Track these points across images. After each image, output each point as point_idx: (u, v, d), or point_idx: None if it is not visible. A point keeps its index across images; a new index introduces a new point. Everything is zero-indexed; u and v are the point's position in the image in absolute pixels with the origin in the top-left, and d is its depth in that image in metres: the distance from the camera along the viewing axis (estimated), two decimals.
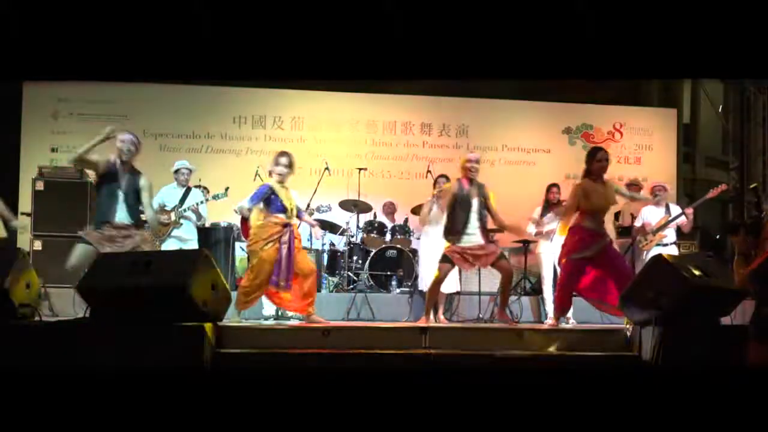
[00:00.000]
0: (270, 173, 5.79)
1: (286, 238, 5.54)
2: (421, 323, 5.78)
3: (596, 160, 5.39)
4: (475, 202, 5.77)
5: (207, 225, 7.46)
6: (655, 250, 6.81)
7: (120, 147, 5.22)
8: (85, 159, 5.17)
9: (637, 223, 7.20)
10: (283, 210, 5.57)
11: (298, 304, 5.67)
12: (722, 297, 4.40)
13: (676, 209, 7.07)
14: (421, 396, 3.33)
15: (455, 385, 3.42)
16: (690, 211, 6.95)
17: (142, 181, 5.36)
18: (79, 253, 5.11)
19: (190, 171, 6.92)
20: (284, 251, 5.52)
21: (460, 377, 3.55)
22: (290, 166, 5.62)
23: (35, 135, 8.96)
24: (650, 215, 7.08)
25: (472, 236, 5.73)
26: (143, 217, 5.49)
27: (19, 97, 8.91)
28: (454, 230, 5.78)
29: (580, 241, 5.33)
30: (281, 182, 5.61)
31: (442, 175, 6.87)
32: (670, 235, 7.00)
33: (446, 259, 5.80)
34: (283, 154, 5.68)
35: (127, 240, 5.20)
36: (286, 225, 5.56)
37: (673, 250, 6.91)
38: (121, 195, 5.25)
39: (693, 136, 11.29)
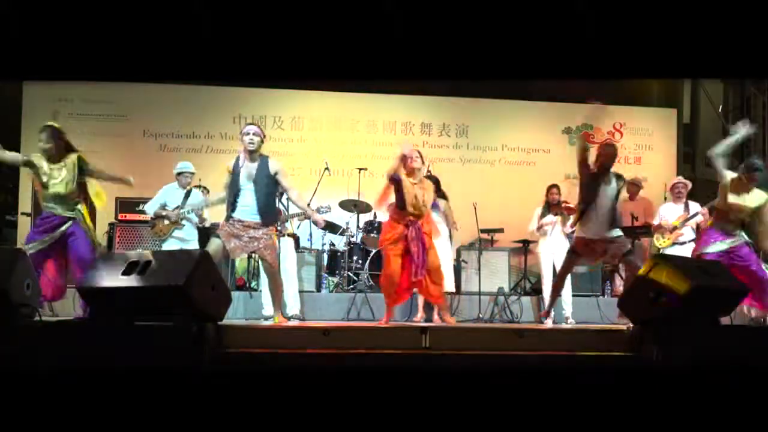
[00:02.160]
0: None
1: (413, 234, 5.71)
2: (546, 318, 5.78)
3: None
4: (604, 191, 5.47)
5: (207, 225, 7.47)
6: (671, 249, 6.77)
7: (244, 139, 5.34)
8: None
9: (655, 221, 7.14)
10: (404, 207, 5.74)
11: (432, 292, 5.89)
12: (722, 297, 4.40)
13: (695, 207, 6.95)
14: (421, 396, 3.33)
15: (455, 385, 3.42)
16: (705, 210, 6.83)
17: (273, 165, 5.37)
18: (213, 247, 5.18)
19: (193, 174, 6.99)
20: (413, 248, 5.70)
21: (460, 378, 3.55)
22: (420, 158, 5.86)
23: (35, 135, 8.92)
24: (668, 213, 7.00)
25: (595, 226, 5.49)
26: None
27: (19, 97, 8.92)
28: (581, 219, 5.61)
29: None
30: (412, 176, 5.78)
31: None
32: (687, 233, 6.88)
33: (574, 251, 5.70)
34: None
35: (252, 241, 5.27)
36: (409, 223, 5.74)
37: (690, 249, 6.78)
38: (244, 188, 5.31)
39: (693, 135, 11.28)
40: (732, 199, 5.40)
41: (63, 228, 5.22)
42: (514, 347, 4.25)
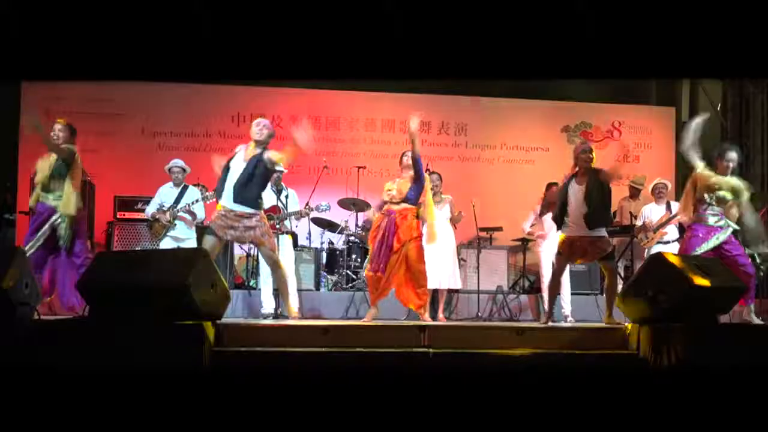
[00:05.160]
0: None
1: (384, 224, 5.67)
2: (543, 322, 5.76)
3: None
4: (574, 191, 5.54)
5: (205, 224, 7.48)
6: (656, 248, 6.81)
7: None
8: None
9: (639, 222, 7.19)
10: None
11: (407, 296, 5.75)
12: (721, 295, 4.41)
13: (677, 206, 7.03)
14: (420, 395, 3.33)
15: (454, 384, 3.43)
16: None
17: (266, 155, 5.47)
18: (209, 244, 5.21)
19: (184, 170, 6.95)
20: (379, 237, 5.64)
21: (459, 376, 3.55)
22: None
23: (33, 133, 8.91)
24: (651, 213, 7.10)
25: (573, 225, 5.51)
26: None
27: (18, 97, 8.90)
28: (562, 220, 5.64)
29: None
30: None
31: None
32: (671, 232, 6.98)
33: (559, 252, 5.69)
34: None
35: (248, 230, 5.28)
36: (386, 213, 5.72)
37: (675, 248, 6.83)
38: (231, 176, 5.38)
39: None
40: (713, 180, 5.37)
41: (51, 221, 5.29)
42: (513, 345, 4.26)
